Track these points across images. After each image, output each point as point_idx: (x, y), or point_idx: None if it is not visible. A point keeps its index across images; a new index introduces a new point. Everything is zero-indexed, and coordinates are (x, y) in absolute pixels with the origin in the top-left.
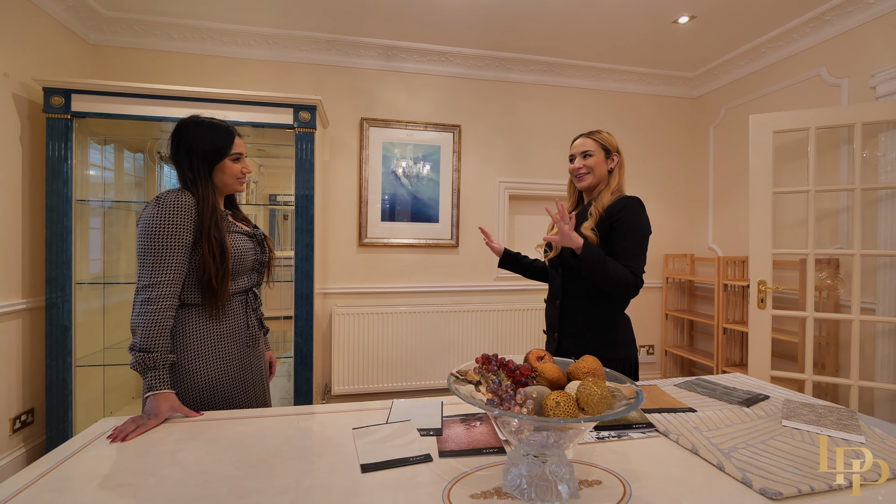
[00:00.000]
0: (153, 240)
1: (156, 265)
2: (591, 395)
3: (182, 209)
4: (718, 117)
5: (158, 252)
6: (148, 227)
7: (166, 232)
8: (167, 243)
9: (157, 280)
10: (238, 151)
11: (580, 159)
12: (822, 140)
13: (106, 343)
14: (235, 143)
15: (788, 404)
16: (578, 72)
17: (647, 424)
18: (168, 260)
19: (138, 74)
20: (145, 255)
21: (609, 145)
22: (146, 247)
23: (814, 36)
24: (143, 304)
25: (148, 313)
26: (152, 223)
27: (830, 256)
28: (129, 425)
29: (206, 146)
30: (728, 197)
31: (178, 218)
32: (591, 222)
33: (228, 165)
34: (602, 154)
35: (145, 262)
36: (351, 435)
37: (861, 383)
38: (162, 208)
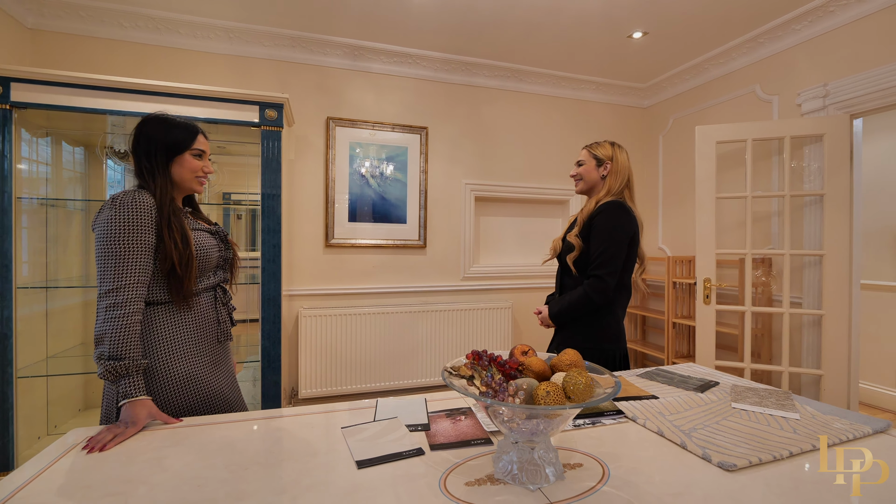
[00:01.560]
0: (113, 243)
1: (118, 268)
2: (576, 384)
3: (141, 209)
4: (667, 126)
5: (120, 255)
6: (107, 230)
7: (126, 234)
8: (129, 246)
9: (122, 283)
10: (200, 148)
11: (575, 167)
12: (757, 150)
13: (49, 352)
14: (198, 140)
15: (735, 389)
16: (540, 79)
17: (616, 412)
18: (131, 262)
19: (85, 64)
20: (106, 259)
21: (601, 155)
22: (106, 251)
23: (750, 56)
24: (108, 310)
25: (114, 318)
26: (111, 226)
27: (764, 256)
28: (106, 435)
29: (167, 137)
30: (676, 200)
31: (137, 219)
32: (577, 230)
33: (188, 160)
34: (593, 163)
35: (106, 267)
36: (340, 434)
37: (791, 369)
38: (120, 210)
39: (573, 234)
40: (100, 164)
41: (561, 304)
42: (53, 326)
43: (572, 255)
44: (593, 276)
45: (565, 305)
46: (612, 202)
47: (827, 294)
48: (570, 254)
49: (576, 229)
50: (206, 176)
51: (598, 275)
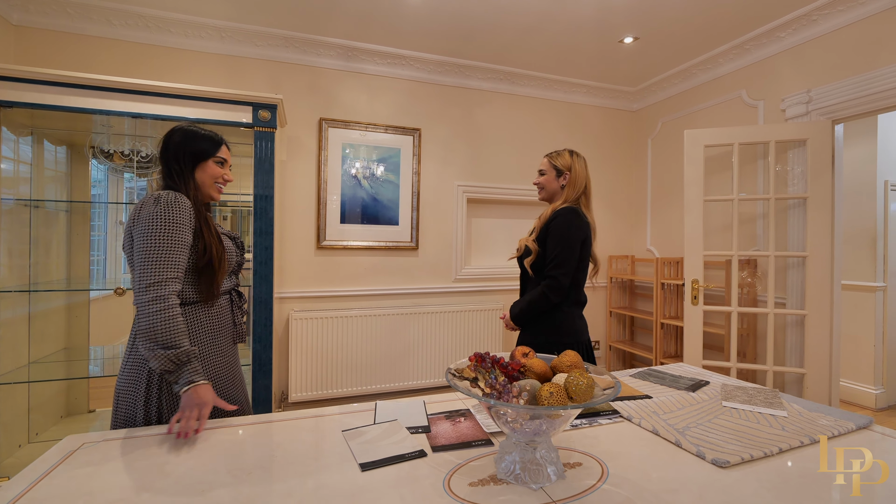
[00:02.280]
0: (157, 238)
1: (161, 263)
2: (578, 384)
3: (183, 208)
4: (656, 129)
5: (163, 250)
6: (151, 226)
7: (170, 230)
8: (172, 242)
9: (164, 277)
10: (222, 156)
11: (538, 176)
12: (743, 154)
13: (31, 357)
14: (222, 149)
15: (725, 388)
16: (532, 82)
17: (612, 412)
18: (172, 258)
19: (73, 63)
20: (149, 253)
21: (561, 165)
22: (150, 245)
23: (736, 61)
24: (152, 303)
25: (161, 311)
26: (155, 222)
27: (750, 257)
28: (191, 420)
29: (193, 145)
30: (664, 202)
31: (180, 217)
32: (534, 235)
33: (210, 166)
34: (554, 173)
35: (149, 260)
36: (341, 437)
37: (775, 368)
38: (165, 208)
39: (530, 239)
40: (84, 164)
41: (521, 305)
42: (35, 331)
43: (529, 259)
44: (549, 277)
45: (525, 306)
46: (567, 208)
47: (810, 294)
48: (528, 258)
49: (533, 234)
50: (225, 184)
51: (553, 275)
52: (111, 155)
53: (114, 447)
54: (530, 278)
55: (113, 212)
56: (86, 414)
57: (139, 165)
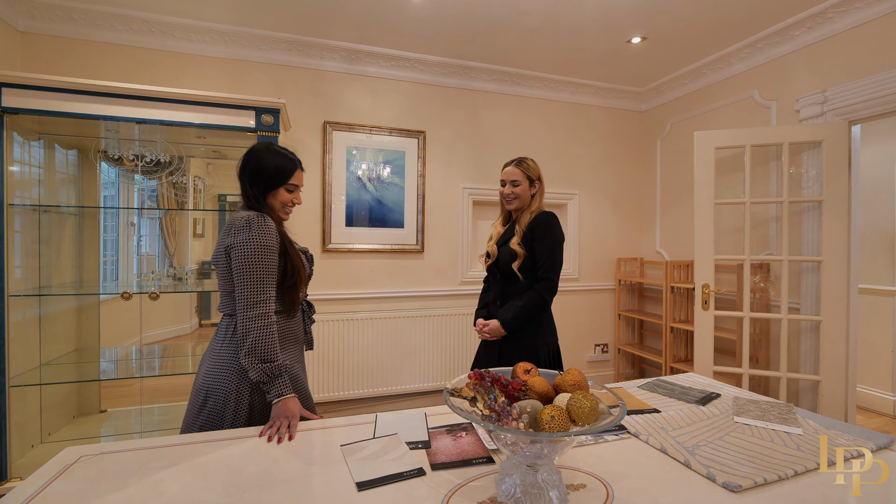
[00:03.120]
0: (255, 262)
1: (262, 284)
2: (581, 407)
3: (271, 233)
4: (665, 130)
5: (262, 273)
6: (248, 250)
7: (265, 255)
8: (267, 265)
9: (265, 297)
10: (295, 183)
11: (510, 186)
12: (755, 156)
13: (43, 359)
14: (294, 176)
15: (737, 402)
16: (538, 83)
17: (619, 427)
18: (269, 279)
19: (78, 68)
20: (250, 276)
21: (533, 175)
22: (250, 268)
23: (748, 61)
24: (256, 320)
25: (263, 327)
26: (251, 246)
27: (763, 261)
28: (283, 428)
29: (267, 171)
30: (673, 204)
31: (270, 241)
32: (518, 238)
33: (281, 193)
34: (527, 183)
35: (250, 282)
36: (340, 452)
37: (788, 375)
38: (257, 233)
39: (515, 243)
40: (94, 168)
41: (514, 312)
42: (47, 333)
43: (517, 263)
44: (545, 279)
45: (518, 312)
46: (548, 213)
47: (825, 300)
48: (515, 261)
49: (516, 238)
50: (293, 206)
51: (549, 277)
52: (121, 159)
53: (111, 461)
54: (514, 284)
55: (124, 214)
56: (97, 414)
57: (145, 169)
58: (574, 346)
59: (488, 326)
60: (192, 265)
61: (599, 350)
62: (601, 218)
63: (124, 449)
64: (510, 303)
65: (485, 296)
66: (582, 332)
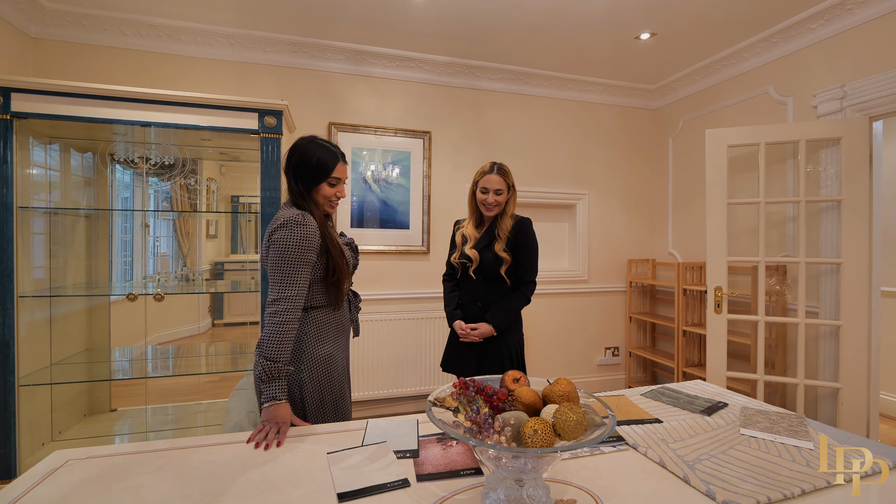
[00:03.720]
0: (284, 261)
1: (284, 283)
2: (567, 421)
3: (308, 232)
4: (677, 128)
5: (287, 272)
6: (281, 248)
7: (296, 254)
8: (295, 265)
9: (284, 296)
10: (337, 176)
11: (493, 195)
12: (771, 154)
13: (53, 359)
14: (337, 169)
15: (745, 412)
16: (545, 81)
17: (617, 438)
18: (294, 279)
19: (87, 72)
20: (276, 273)
21: (511, 182)
22: (278, 266)
23: (762, 56)
24: (271, 317)
25: (274, 325)
26: (285, 245)
27: (779, 263)
28: (271, 433)
29: (310, 167)
30: (686, 204)
31: (305, 240)
32: (503, 244)
33: (324, 188)
34: (507, 191)
35: (276, 279)
36: (326, 460)
37: (806, 382)
38: (293, 232)
39: (501, 249)
40: (105, 170)
41: (506, 314)
42: (59, 333)
43: (504, 268)
44: (530, 282)
45: (507, 313)
46: (526, 219)
47: (845, 303)
48: (502, 266)
49: (501, 244)
50: (338, 200)
51: (532, 280)
52: (130, 162)
53: (97, 466)
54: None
55: (139, 216)
56: (108, 413)
57: (153, 172)
58: (583, 349)
59: (478, 330)
60: (204, 266)
61: (610, 353)
62: (611, 218)
63: (112, 453)
64: (499, 305)
65: (452, 295)
66: (591, 335)
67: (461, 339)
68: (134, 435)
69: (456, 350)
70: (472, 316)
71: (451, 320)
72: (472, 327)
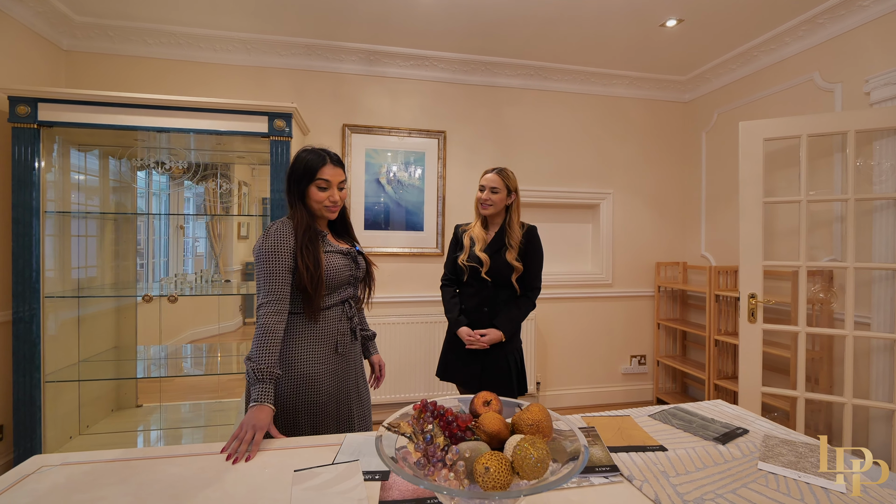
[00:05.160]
0: (260, 267)
1: (263, 288)
2: (526, 458)
3: (279, 239)
4: (711, 122)
5: (264, 277)
6: (258, 256)
7: (268, 260)
8: (271, 270)
9: (266, 300)
10: (324, 178)
11: (489, 192)
12: (815, 147)
13: (81, 356)
14: (322, 171)
15: (768, 441)
16: (566, 76)
17: (610, 467)
18: (271, 283)
19: (114, 81)
20: (258, 279)
21: (511, 185)
22: (258, 273)
23: (806, 39)
24: (257, 320)
25: (258, 327)
26: (260, 253)
27: (823, 268)
28: (243, 445)
29: (297, 172)
30: (721, 203)
31: (277, 246)
32: (514, 253)
33: (314, 192)
34: (505, 192)
35: (259, 285)
36: (291, 479)
37: (855, 401)
38: (266, 240)
39: (513, 258)
40: (132, 174)
41: (516, 320)
42: (86, 331)
43: (515, 275)
44: (536, 289)
45: (517, 320)
46: (534, 227)
47: None
48: (514, 274)
49: (513, 252)
50: (335, 204)
51: (538, 287)
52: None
53: (65, 474)
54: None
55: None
56: (134, 408)
57: (171, 175)
58: (607, 357)
59: (487, 336)
60: (236, 266)
61: (636, 362)
62: (638, 219)
63: (85, 461)
64: (508, 311)
65: (454, 301)
66: (616, 342)
67: (468, 346)
68: (155, 431)
69: (456, 357)
70: (478, 322)
71: (456, 327)
72: (482, 333)
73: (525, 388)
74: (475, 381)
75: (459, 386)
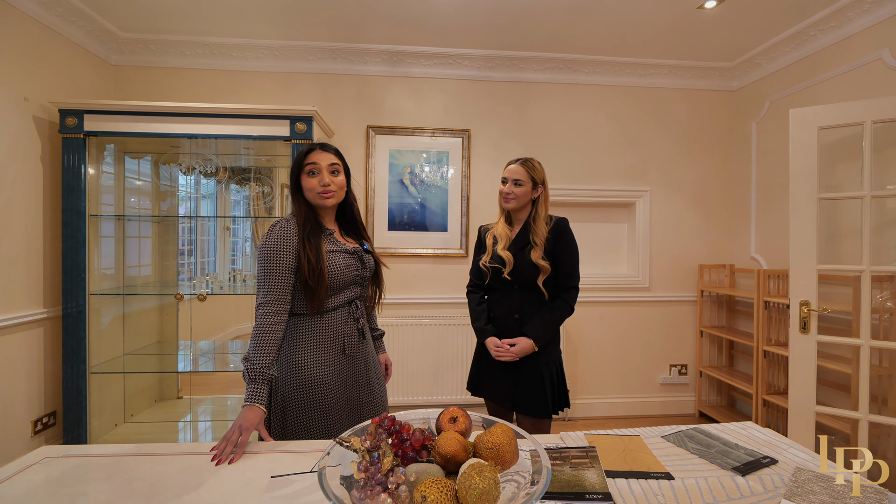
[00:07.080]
0: (261, 265)
1: (262, 287)
2: (470, 488)
3: (282, 237)
4: (762, 111)
5: (264, 276)
6: (259, 254)
7: (270, 258)
8: (271, 268)
9: (263, 300)
10: (312, 161)
11: (511, 185)
12: (883, 136)
13: (126, 349)
14: (311, 155)
15: (798, 476)
16: (598, 67)
17: (603, 495)
18: (271, 282)
19: (157, 91)
20: (258, 278)
21: (537, 177)
22: (258, 271)
23: (873, 13)
24: (255, 320)
25: (255, 327)
26: (261, 251)
27: (893, 274)
28: (228, 447)
29: (292, 166)
30: (774, 200)
31: (279, 244)
32: (540, 251)
33: (305, 179)
34: (530, 184)
35: (259, 284)
36: (265, 484)
37: None
38: (268, 238)
39: (539, 258)
40: (174, 179)
41: (549, 326)
42: (131, 326)
43: (542, 278)
44: (573, 288)
45: (550, 324)
46: (564, 219)
47: None
48: (540, 276)
49: (539, 251)
50: (328, 190)
51: (575, 285)
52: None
53: (62, 466)
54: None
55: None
56: (175, 400)
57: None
58: (643, 366)
59: (517, 346)
60: None
61: (676, 372)
62: (678, 218)
63: (85, 454)
64: (539, 317)
65: (481, 308)
66: (653, 351)
67: (496, 357)
68: (188, 422)
69: (485, 370)
70: (508, 330)
71: (483, 337)
72: (510, 343)
73: (564, 405)
74: (507, 397)
75: (489, 401)
